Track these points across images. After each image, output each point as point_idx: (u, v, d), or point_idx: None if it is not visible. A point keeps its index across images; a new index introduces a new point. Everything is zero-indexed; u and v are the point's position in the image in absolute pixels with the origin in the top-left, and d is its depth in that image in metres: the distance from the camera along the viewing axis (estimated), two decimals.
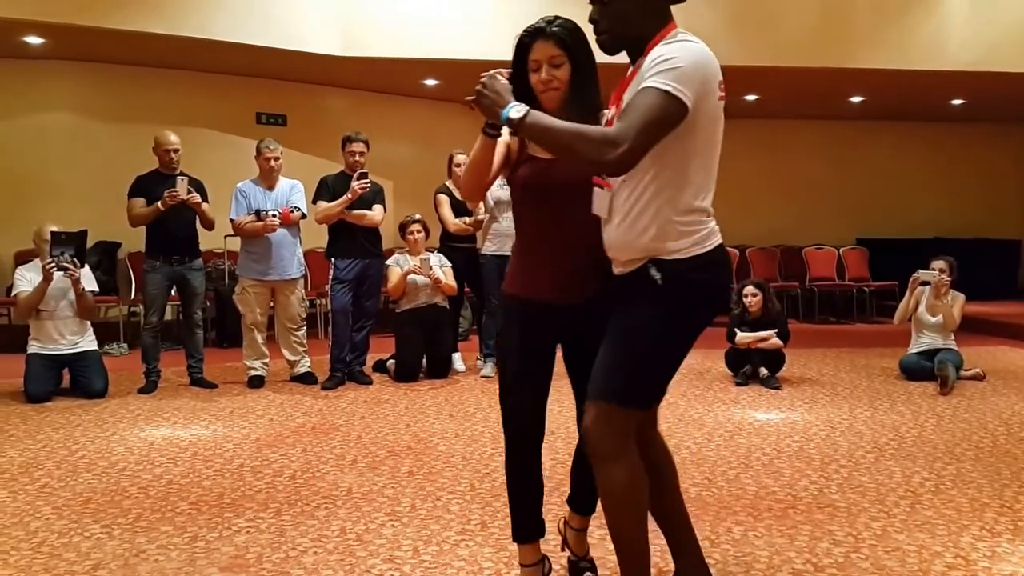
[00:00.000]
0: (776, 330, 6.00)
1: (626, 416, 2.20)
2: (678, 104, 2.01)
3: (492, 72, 2.18)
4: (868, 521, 3.21)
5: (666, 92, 2.00)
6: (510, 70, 2.28)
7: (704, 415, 5.03)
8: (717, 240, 2.22)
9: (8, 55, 7.83)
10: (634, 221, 2.15)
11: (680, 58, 2.03)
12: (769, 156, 11.48)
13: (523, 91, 2.30)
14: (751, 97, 10.07)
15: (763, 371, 5.95)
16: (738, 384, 5.95)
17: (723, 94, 2.14)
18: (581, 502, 2.62)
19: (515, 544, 2.57)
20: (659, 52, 2.07)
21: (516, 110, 2.08)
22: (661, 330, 2.17)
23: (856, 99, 10.21)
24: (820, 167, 11.58)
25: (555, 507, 3.33)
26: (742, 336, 6.03)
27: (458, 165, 6.47)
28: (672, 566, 2.49)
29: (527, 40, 2.34)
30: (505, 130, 2.25)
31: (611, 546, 2.33)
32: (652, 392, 2.25)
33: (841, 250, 10.79)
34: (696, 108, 2.04)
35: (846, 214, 11.56)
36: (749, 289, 6.11)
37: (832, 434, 4.58)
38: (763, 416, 5.02)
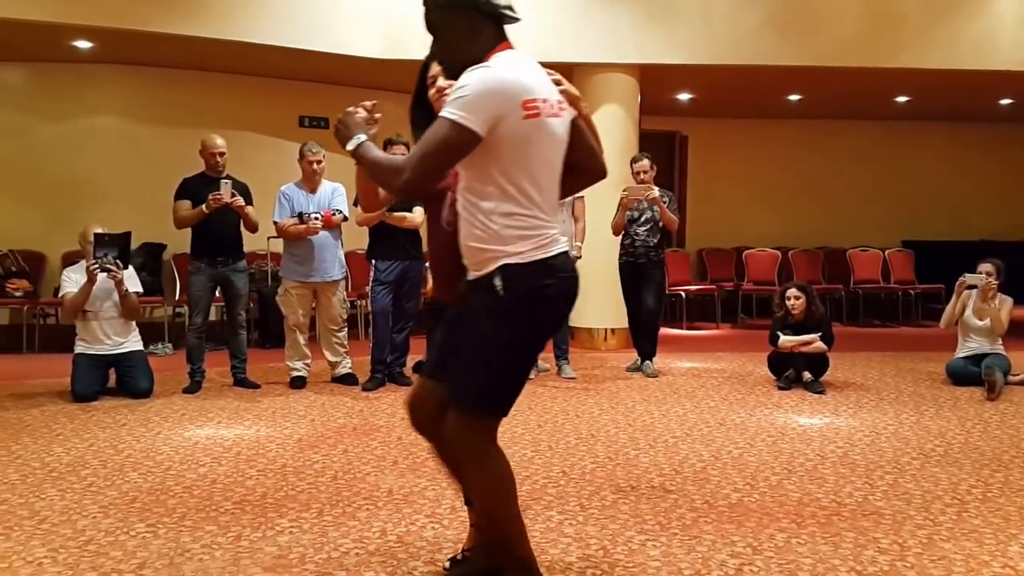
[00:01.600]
0: (820, 333, 5.91)
1: (483, 424, 2.36)
2: (462, 131, 2.18)
3: (354, 107, 2.45)
4: (914, 529, 3.16)
5: (451, 121, 2.19)
6: (374, 101, 2.53)
7: (746, 420, 4.98)
8: (558, 248, 2.34)
9: (58, 59, 8.00)
10: (468, 231, 2.33)
11: (469, 86, 2.20)
12: (813, 157, 11.32)
13: (429, 104, 2.60)
14: (795, 97, 9.95)
15: (807, 375, 5.88)
16: (781, 388, 5.88)
17: (533, 111, 2.25)
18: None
19: (558, 549, 2.68)
20: (458, 82, 2.25)
21: (352, 143, 2.36)
22: (506, 340, 2.31)
23: (902, 99, 10.04)
24: (865, 168, 11.39)
25: (596, 511, 3.32)
26: (785, 340, 5.95)
27: None
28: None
29: (427, 60, 2.58)
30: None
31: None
32: (504, 399, 2.37)
33: (886, 252, 10.62)
34: (493, 130, 2.19)
35: (891, 216, 11.37)
36: (792, 292, 6.03)
37: (877, 440, 4.51)
38: (806, 421, 4.96)
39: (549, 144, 2.33)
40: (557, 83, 2.48)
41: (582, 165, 2.52)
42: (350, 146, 2.37)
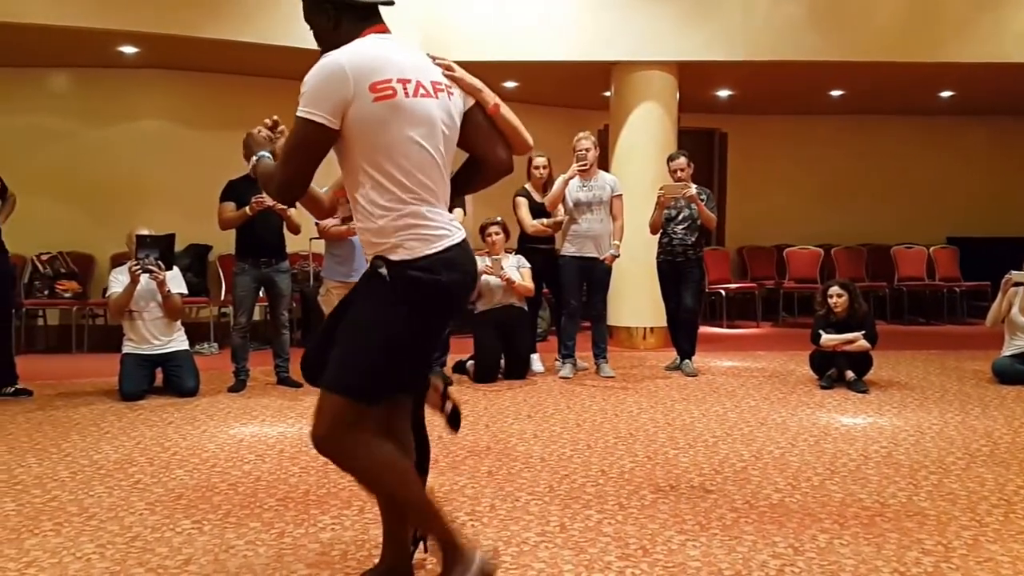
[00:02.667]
0: (863, 332, 5.84)
1: (351, 408, 2.27)
2: (312, 125, 2.18)
3: (259, 127, 2.60)
4: (959, 530, 3.11)
5: (298, 118, 2.19)
6: (275, 117, 2.65)
7: (788, 419, 4.93)
8: (448, 242, 2.29)
9: (105, 64, 8.17)
10: (357, 221, 2.32)
11: (307, 80, 2.19)
12: (855, 153, 11.17)
13: None
14: (836, 93, 9.82)
15: (849, 374, 5.81)
16: (823, 387, 5.82)
17: (386, 92, 2.20)
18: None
19: (596, 548, 2.63)
20: None
21: (252, 160, 2.51)
22: (383, 324, 2.25)
23: (946, 94, 9.86)
24: (908, 164, 11.20)
25: (635, 511, 3.32)
26: (827, 338, 5.89)
27: (537, 167, 6.52)
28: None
29: None
30: None
31: None
32: (371, 386, 2.29)
33: (931, 249, 10.45)
34: (345, 117, 2.18)
35: (936, 212, 11.16)
36: (834, 290, 5.96)
37: (921, 440, 4.45)
38: (849, 420, 4.90)
39: (416, 125, 2.24)
40: (448, 69, 2.39)
41: (485, 158, 2.46)
42: (251, 162, 2.51)
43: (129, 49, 7.62)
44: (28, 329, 7.98)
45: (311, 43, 2.40)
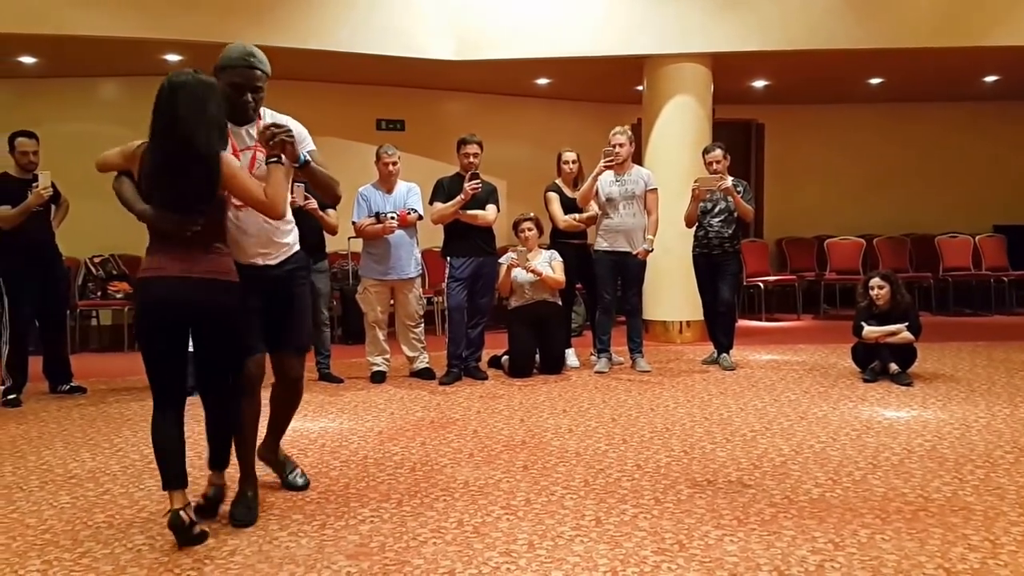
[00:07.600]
0: (906, 324, 5.75)
1: None
2: None
3: (284, 129, 3.10)
4: (1007, 526, 3.06)
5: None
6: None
7: (829, 413, 4.88)
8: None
9: (151, 73, 8.25)
10: None
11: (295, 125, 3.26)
12: (896, 141, 10.97)
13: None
14: (875, 80, 9.67)
15: (893, 367, 5.72)
16: (866, 381, 5.74)
17: None
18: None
19: (632, 543, 2.56)
20: (290, 124, 3.24)
21: (306, 156, 3.26)
22: None
23: (990, 79, 9.65)
24: (952, 151, 10.97)
25: (671, 505, 3.32)
26: (869, 330, 5.81)
27: (567, 163, 6.53)
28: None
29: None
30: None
31: None
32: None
33: (977, 238, 10.25)
34: None
35: (981, 200, 10.92)
36: (875, 281, 5.87)
37: (968, 433, 4.37)
38: (893, 414, 4.84)
39: None
40: None
41: None
42: (308, 157, 3.24)
43: (174, 57, 7.75)
44: (82, 329, 8.18)
45: (348, 47, 2.45)
